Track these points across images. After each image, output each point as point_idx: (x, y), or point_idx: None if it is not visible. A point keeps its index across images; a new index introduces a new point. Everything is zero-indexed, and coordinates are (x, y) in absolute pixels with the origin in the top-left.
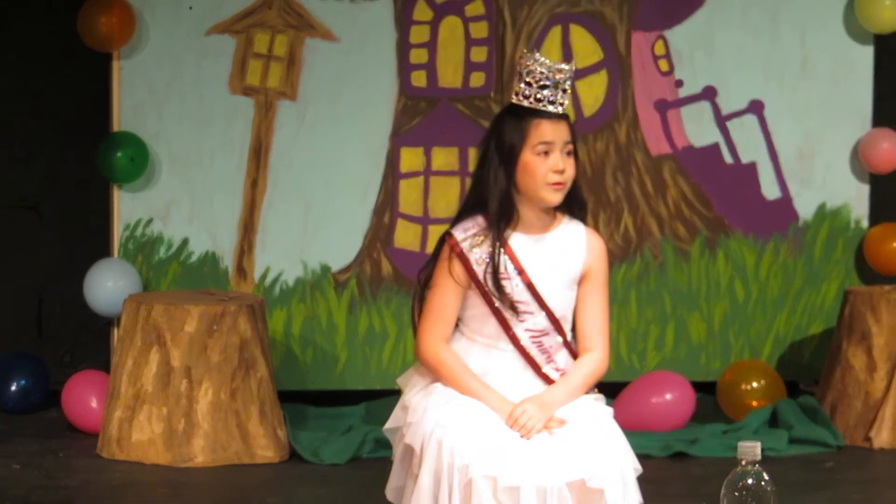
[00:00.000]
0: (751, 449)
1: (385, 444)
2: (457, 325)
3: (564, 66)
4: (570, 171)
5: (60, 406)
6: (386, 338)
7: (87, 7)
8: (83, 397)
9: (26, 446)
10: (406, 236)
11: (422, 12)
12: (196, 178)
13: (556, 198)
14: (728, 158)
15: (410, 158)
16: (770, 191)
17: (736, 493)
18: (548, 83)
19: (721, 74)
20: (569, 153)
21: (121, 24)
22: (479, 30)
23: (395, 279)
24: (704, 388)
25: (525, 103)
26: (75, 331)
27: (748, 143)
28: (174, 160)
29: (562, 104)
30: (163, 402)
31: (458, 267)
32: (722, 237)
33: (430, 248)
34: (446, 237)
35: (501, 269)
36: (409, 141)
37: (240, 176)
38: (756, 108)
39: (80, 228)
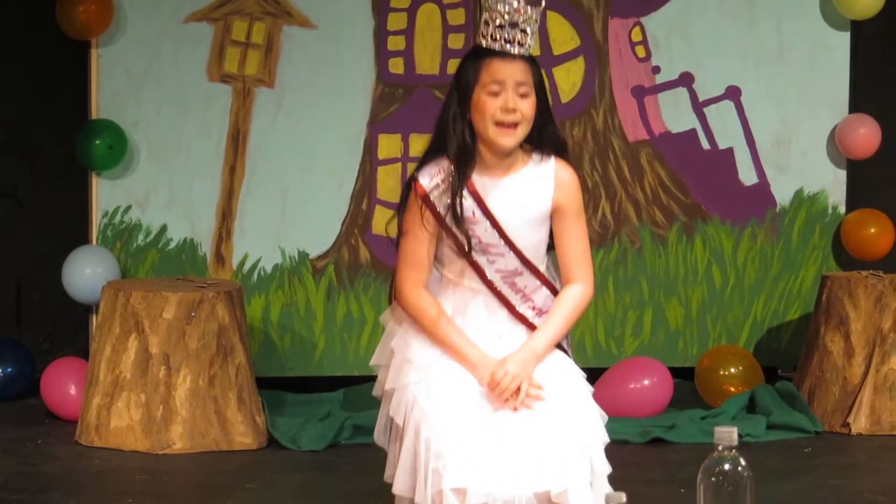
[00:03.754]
0: (728, 434)
1: (363, 431)
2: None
3: (524, 6)
4: (523, 111)
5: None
6: (364, 324)
7: None
8: (62, 384)
9: (5, 433)
10: (384, 222)
11: None
12: (174, 166)
13: (506, 141)
14: (705, 144)
15: (388, 145)
16: (747, 176)
17: (713, 479)
18: (504, 23)
19: (698, 60)
20: (523, 95)
21: (99, 12)
22: (457, 17)
23: (373, 265)
24: (682, 374)
25: (484, 43)
26: (54, 318)
27: (725, 129)
28: (152, 147)
29: (521, 44)
30: (141, 389)
31: (426, 213)
32: (699, 223)
33: None
34: (413, 183)
35: (469, 213)
36: (386, 128)
37: (218, 163)
38: (733, 94)
39: (59, 216)
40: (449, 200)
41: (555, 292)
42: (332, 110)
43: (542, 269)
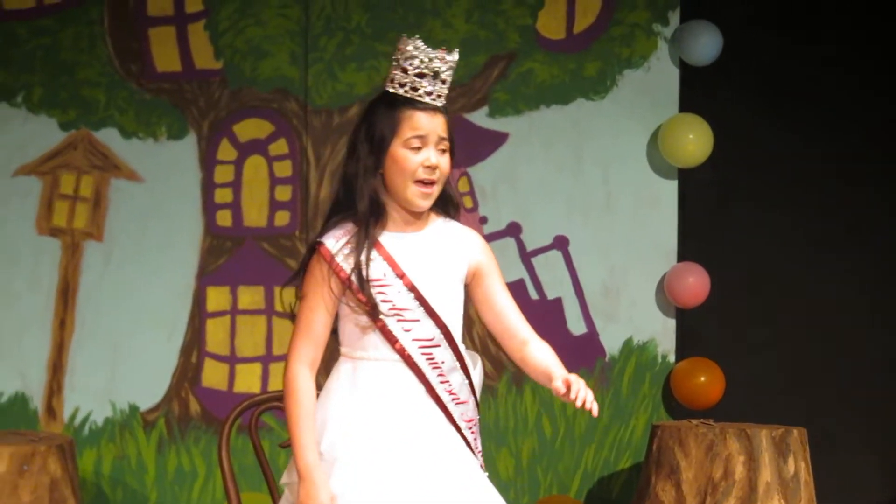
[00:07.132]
0: None
1: None
2: (340, 350)
3: (446, 56)
4: (443, 169)
5: None
6: (195, 477)
7: None
8: None
9: None
10: (214, 375)
11: (226, 152)
12: (3, 320)
13: (423, 202)
14: (533, 294)
15: (217, 297)
16: (576, 326)
17: None
18: (426, 72)
19: (525, 210)
20: (443, 151)
21: None
22: (283, 169)
23: (204, 418)
24: None
25: (400, 92)
26: None
27: (553, 279)
28: None
29: (440, 96)
30: None
31: (332, 279)
32: None
33: (238, 387)
34: (317, 247)
35: (379, 275)
36: (215, 280)
37: (47, 316)
38: (561, 243)
39: None
40: (354, 262)
41: (468, 378)
42: (160, 263)
43: (459, 344)
